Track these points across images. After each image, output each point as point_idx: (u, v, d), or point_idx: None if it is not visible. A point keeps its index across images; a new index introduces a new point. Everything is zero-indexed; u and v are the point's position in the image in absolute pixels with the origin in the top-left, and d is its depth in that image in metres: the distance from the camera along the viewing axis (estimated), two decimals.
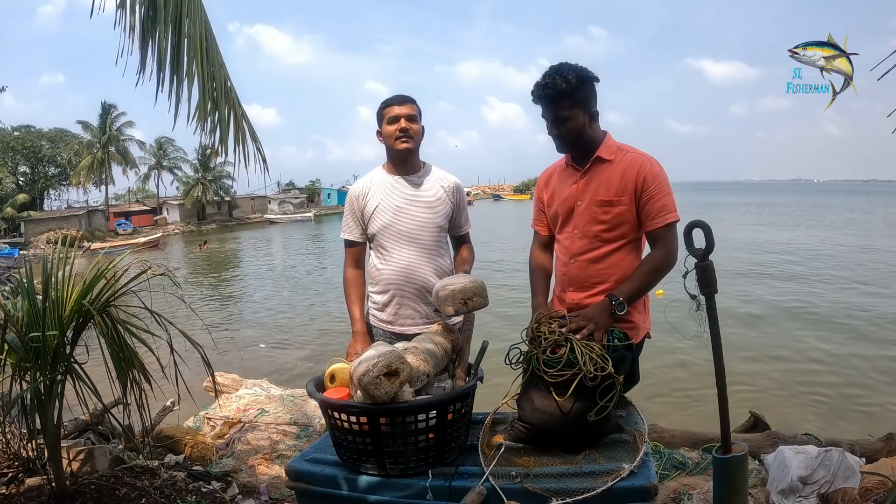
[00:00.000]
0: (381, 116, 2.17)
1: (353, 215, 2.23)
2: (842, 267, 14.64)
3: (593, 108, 1.90)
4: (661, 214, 1.86)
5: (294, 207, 53.30)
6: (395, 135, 2.13)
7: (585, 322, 1.73)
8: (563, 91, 1.82)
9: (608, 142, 1.94)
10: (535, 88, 1.89)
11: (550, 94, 1.84)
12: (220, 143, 2.39)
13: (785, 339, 8.31)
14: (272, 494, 2.74)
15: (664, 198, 1.87)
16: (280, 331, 10.24)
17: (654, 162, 1.90)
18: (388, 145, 2.18)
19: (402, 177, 2.20)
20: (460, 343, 1.90)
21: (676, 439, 3.29)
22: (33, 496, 2.27)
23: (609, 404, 1.62)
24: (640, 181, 1.86)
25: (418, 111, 2.17)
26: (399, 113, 2.13)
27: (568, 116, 1.86)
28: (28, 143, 38.32)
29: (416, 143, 2.16)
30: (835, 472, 2.33)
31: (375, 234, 2.19)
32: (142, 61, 2.28)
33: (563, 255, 2.03)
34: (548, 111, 1.89)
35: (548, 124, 1.92)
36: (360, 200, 2.21)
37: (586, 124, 1.89)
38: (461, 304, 1.81)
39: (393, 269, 2.17)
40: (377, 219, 2.17)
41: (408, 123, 2.13)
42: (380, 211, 2.17)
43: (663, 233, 1.87)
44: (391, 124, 2.14)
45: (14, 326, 2.16)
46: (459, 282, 1.87)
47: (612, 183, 1.89)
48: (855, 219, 34.46)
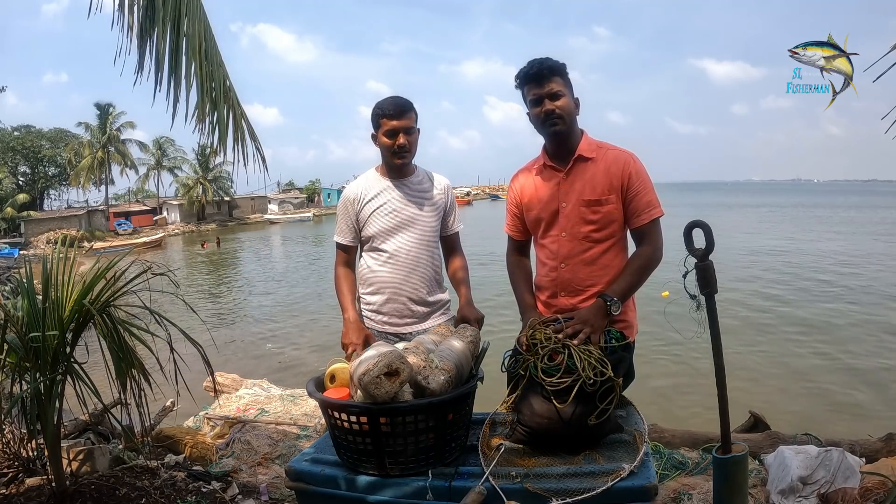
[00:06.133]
0: (378, 125, 2.12)
1: (347, 219, 2.22)
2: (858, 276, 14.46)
3: (574, 96, 1.92)
4: (648, 210, 1.86)
5: (294, 207, 53.28)
6: (393, 149, 2.09)
7: (581, 325, 1.71)
8: (552, 67, 1.85)
9: (587, 140, 1.94)
10: (524, 69, 1.88)
11: (546, 67, 1.84)
12: (219, 142, 2.39)
13: (785, 338, 8.31)
14: (272, 494, 2.74)
15: (648, 193, 1.87)
16: (280, 331, 10.24)
17: (636, 158, 1.91)
18: (384, 154, 2.17)
19: (397, 180, 2.20)
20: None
21: (676, 439, 3.29)
22: (33, 496, 2.27)
23: (609, 407, 1.61)
24: (626, 178, 1.86)
25: (415, 117, 2.12)
26: (397, 127, 2.07)
27: (561, 93, 1.86)
28: (28, 143, 38.35)
29: (412, 155, 2.16)
30: (835, 472, 2.33)
31: (371, 237, 2.19)
32: (140, 61, 2.28)
33: (549, 259, 1.98)
34: (541, 88, 1.86)
35: (539, 105, 1.88)
36: (356, 205, 2.20)
37: (574, 109, 1.90)
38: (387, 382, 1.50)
39: (388, 270, 2.17)
40: (373, 222, 2.17)
41: (405, 138, 2.08)
42: (376, 214, 2.17)
43: (650, 228, 1.87)
44: (388, 138, 2.09)
45: (14, 326, 2.16)
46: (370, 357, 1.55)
47: (598, 181, 1.88)
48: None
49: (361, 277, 2.26)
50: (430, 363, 1.61)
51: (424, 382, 1.56)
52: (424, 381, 1.56)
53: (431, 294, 2.22)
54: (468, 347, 1.76)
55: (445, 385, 1.58)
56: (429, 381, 1.57)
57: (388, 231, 2.16)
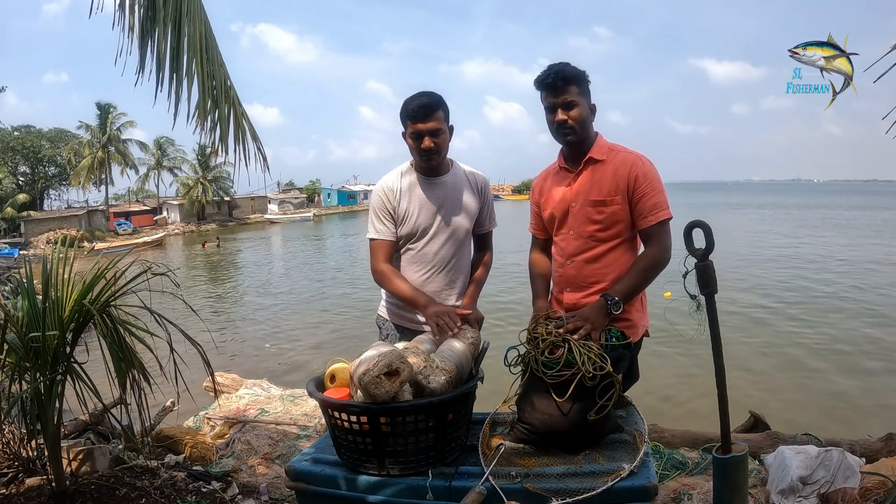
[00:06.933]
0: (405, 124, 2.05)
1: (386, 213, 2.13)
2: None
3: (592, 103, 1.95)
4: (654, 212, 1.87)
5: (294, 207, 53.31)
6: (420, 151, 2.03)
7: (582, 322, 1.73)
8: (571, 75, 1.87)
9: (600, 142, 1.97)
10: (542, 77, 1.90)
11: (561, 79, 1.86)
12: (219, 142, 2.39)
13: (786, 339, 8.31)
14: (272, 494, 2.74)
15: (656, 195, 1.88)
16: (281, 331, 10.24)
17: (645, 160, 1.92)
18: (413, 153, 2.11)
19: (433, 178, 2.14)
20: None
21: (676, 439, 3.29)
22: (33, 496, 2.27)
23: (609, 403, 1.62)
24: (631, 179, 1.88)
25: (444, 115, 2.03)
26: (422, 130, 1.99)
27: (577, 102, 1.88)
28: (28, 143, 38.34)
29: (442, 155, 2.08)
30: (835, 472, 2.33)
31: (405, 235, 2.14)
32: (141, 61, 2.28)
33: (559, 256, 2.05)
34: (556, 97, 1.89)
35: (553, 113, 1.91)
36: (393, 199, 2.12)
37: (589, 116, 1.93)
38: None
39: (415, 269, 2.14)
40: (409, 220, 2.12)
41: (431, 140, 2.00)
42: (412, 212, 2.11)
43: (656, 230, 1.88)
44: (414, 140, 2.03)
45: (14, 326, 2.16)
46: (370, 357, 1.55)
47: (605, 183, 1.91)
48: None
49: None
50: (430, 363, 1.61)
51: (425, 382, 1.56)
52: (425, 381, 1.57)
53: (455, 297, 2.18)
54: (468, 349, 1.77)
55: (446, 385, 1.58)
56: (429, 380, 1.57)
57: (421, 230, 2.12)
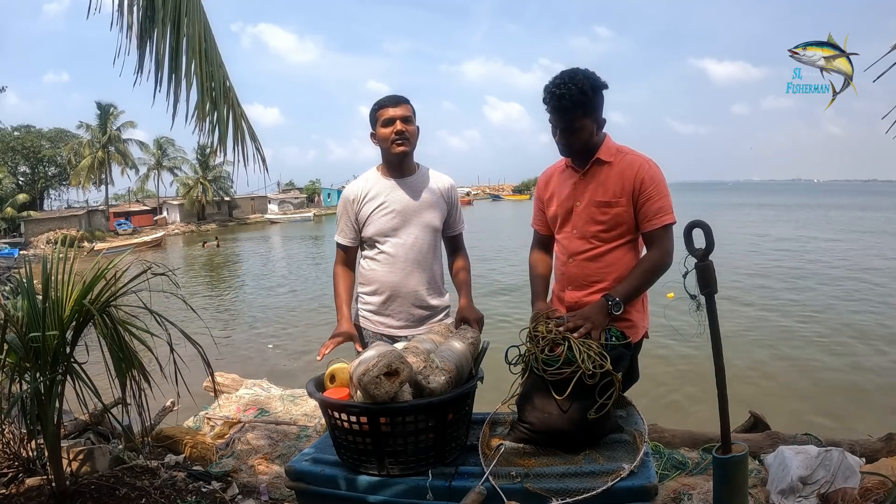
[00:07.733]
0: (375, 118, 2.12)
1: (348, 218, 2.21)
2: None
3: (601, 116, 1.91)
4: (658, 216, 1.87)
5: (294, 207, 53.29)
6: (391, 138, 2.09)
7: (582, 321, 1.73)
8: (577, 102, 1.81)
9: (608, 144, 1.96)
10: (548, 96, 1.85)
11: (566, 104, 1.81)
12: (219, 142, 2.39)
13: (786, 339, 8.31)
14: (272, 494, 2.74)
15: (661, 199, 1.88)
16: (281, 331, 10.24)
17: (652, 164, 1.91)
18: (383, 148, 2.15)
19: (398, 179, 2.19)
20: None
21: (676, 439, 3.29)
22: (33, 496, 2.27)
23: (608, 402, 1.62)
24: (637, 182, 1.88)
25: (413, 111, 2.13)
26: (394, 115, 2.08)
27: (579, 127, 1.86)
28: (28, 143, 38.31)
29: (412, 145, 2.14)
30: (835, 472, 2.33)
31: (371, 237, 2.18)
32: (140, 61, 2.28)
33: (561, 254, 2.06)
34: (559, 121, 1.88)
35: (556, 131, 1.92)
36: (356, 204, 2.19)
37: (594, 133, 1.90)
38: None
39: (388, 271, 2.16)
40: (373, 222, 2.16)
41: (403, 125, 2.08)
42: (376, 214, 2.16)
43: (660, 234, 1.88)
44: (386, 127, 2.09)
45: (14, 326, 2.16)
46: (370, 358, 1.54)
47: (610, 184, 1.91)
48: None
49: (361, 277, 2.26)
50: (430, 363, 1.61)
51: (424, 382, 1.56)
52: (424, 381, 1.56)
53: (431, 297, 2.21)
54: (468, 349, 1.77)
55: (446, 385, 1.58)
56: (429, 380, 1.57)
57: (388, 231, 2.15)
